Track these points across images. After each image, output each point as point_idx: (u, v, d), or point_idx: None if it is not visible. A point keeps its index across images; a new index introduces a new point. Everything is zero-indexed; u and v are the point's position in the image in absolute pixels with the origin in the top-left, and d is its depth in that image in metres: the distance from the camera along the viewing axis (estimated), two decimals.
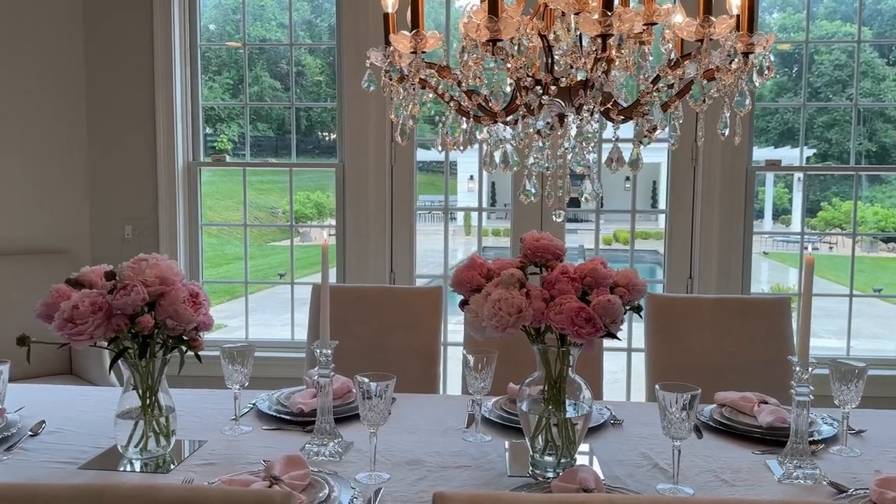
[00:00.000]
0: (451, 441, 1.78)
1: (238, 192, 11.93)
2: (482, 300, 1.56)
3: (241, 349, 1.87)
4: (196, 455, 1.68)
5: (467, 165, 12.03)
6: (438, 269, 5.93)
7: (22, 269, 3.48)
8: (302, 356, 3.53)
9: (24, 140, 3.63)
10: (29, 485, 0.88)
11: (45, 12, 3.66)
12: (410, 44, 1.41)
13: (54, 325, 1.54)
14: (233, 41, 4.86)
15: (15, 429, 1.76)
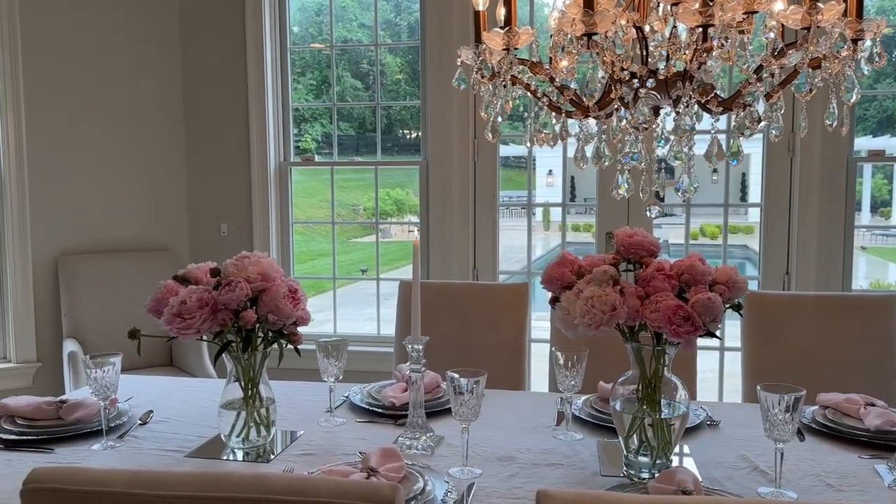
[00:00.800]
0: (542, 438, 1.77)
1: (321, 190, 12.19)
2: (574, 297, 1.54)
3: (335, 343, 1.92)
4: (294, 445, 1.74)
5: (546, 160, 11.91)
6: (517, 265, 5.91)
7: (127, 266, 3.69)
8: (389, 350, 3.60)
9: (127, 144, 3.83)
10: (153, 472, 0.94)
11: (144, 18, 3.85)
12: (503, 41, 1.40)
13: (164, 320, 1.62)
14: (316, 42, 4.97)
15: (126, 417, 1.86)
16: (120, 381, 1.97)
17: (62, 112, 3.65)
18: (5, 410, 1.82)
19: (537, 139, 1.49)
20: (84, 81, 3.70)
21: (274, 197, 3.89)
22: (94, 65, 3.72)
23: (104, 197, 3.78)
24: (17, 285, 3.51)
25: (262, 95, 3.81)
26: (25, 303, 3.54)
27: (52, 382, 3.60)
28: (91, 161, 3.74)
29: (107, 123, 3.78)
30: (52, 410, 1.81)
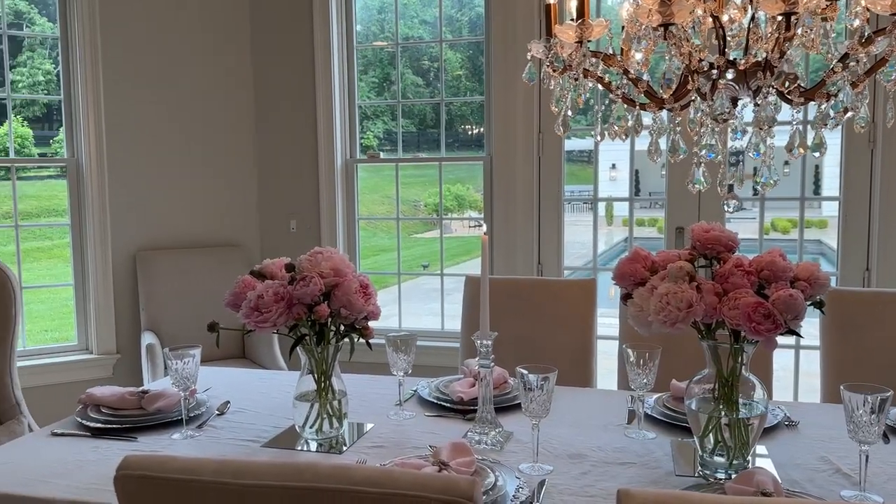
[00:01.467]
0: (613, 437, 1.75)
1: (382, 186, 12.31)
2: (647, 294, 1.51)
3: (404, 338, 1.93)
4: (365, 437, 1.76)
5: (609, 154, 11.74)
6: (580, 261, 5.83)
7: (201, 261, 3.81)
8: (453, 345, 3.61)
9: (201, 144, 3.96)
10: (239, 461, 0.97)
11: (216, 21, 3.96)
12: (575, 33, 1.39)
13: (241, 313, 1.66)
14: (378, 41, 5.02)
15: (204, 408, 1.92)
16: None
17: (140, 114, 3.79)
18: (91, 400, 1.90)
19: (610, 132, 1.46)
20: (160, 85, 3.84)
21: (340, 194, 3.96)
22: (169, 67, 3.85)
23: (180, 195, 3.91)
24: (99, 280, 3.67)
25: (329, 94, 3.87)
26: (106, 297, 3.69)
27: (131, 373, 3.75)
28: (167, 161, 3.88)
29: (182, 125, 3.90)
30: (134, 400, 1.88)
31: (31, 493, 1.44)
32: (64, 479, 1.51)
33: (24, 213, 3.70)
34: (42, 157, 10.71)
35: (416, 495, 0.89)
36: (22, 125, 9.22)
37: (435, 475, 0.92)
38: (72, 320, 3.80)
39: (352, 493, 0.92)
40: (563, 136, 1.55)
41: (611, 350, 2.55)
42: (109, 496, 1.41)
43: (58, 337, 7.77)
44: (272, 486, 0.94)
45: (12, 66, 3.78)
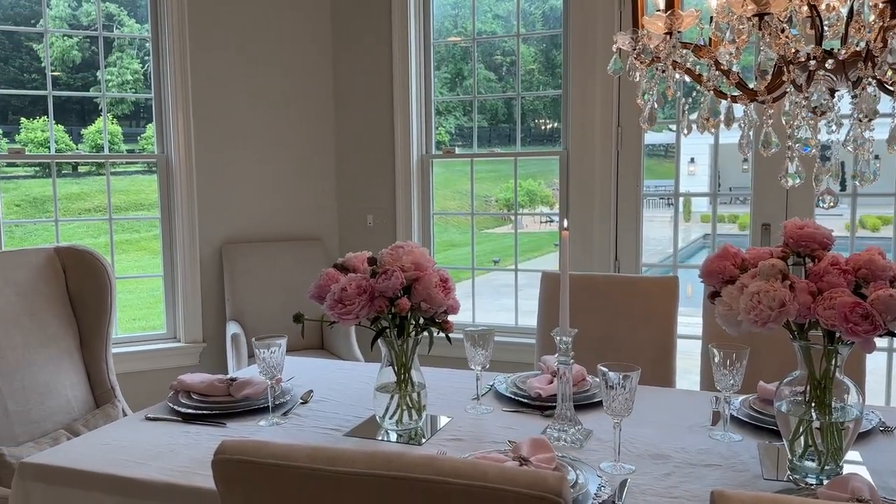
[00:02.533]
0: (697, 438, 1.71)
1: (453, 181, 12.35)
2: (737, 292, 1.47)
3: (482, 333, 1.94)
4: (444, 430, 1.78)
5: (687, 148, 11.40)
6: (656, 258, 5.69)
7: (283, 254, 3.92)
8: (527, 341, 3.60)
9: (283, 141, 4.07)
10: (331, 448, 0.99)
11: (298, 20, 4.05)
12: (665, 24, 1.36)
13: (326, 305, 1.70)
14: (452, 36, 5.04)
15: (289, 396, 1.98)
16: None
17: (225, 112, 3.92)
18: (182, 386, 1.98)
19: (701, 126, 1.43)
20: (244, 83, 3.96)
21: (416, 189, 4.00)
22: (252, 66, 3.97)
23: (263, 190, 4.03)
24: (187, 272, 3.82)
25: (406, 91, 3.91)
26: (193, 288, 3.84)
27: (216, 361, 3.89)
28: (251, 157, 4.00)
29: (265, 122, 4.02)
30: (223, 387, 1.96)
31: (129, 474, 1.52)
32: (158, 462, 1.58)
33: (114, 206, 3.89)
34: (130, 153, 11.22)
35: (504, 489, 0.90)
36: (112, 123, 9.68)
37: (523, 469, 0.92)
38: (160, 310, 3.96)
39: (440, 484, 0.93)
40: (648, 129, 1.51)
41: (688, 349, 2.49)
42: (201, 479, 1.48)
43: (146, 325, 8.14)
44: (363, 474, 0.96)
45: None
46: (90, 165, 10.75)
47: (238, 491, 1.03)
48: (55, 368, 2.30)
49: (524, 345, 3.60)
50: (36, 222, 10.94)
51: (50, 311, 2.34)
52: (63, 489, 1.56)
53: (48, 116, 3.73)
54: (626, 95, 3.50)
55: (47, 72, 3.91)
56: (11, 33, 6.20)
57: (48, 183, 13.07)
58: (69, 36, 11.89)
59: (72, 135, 11.31)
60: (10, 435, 2.14)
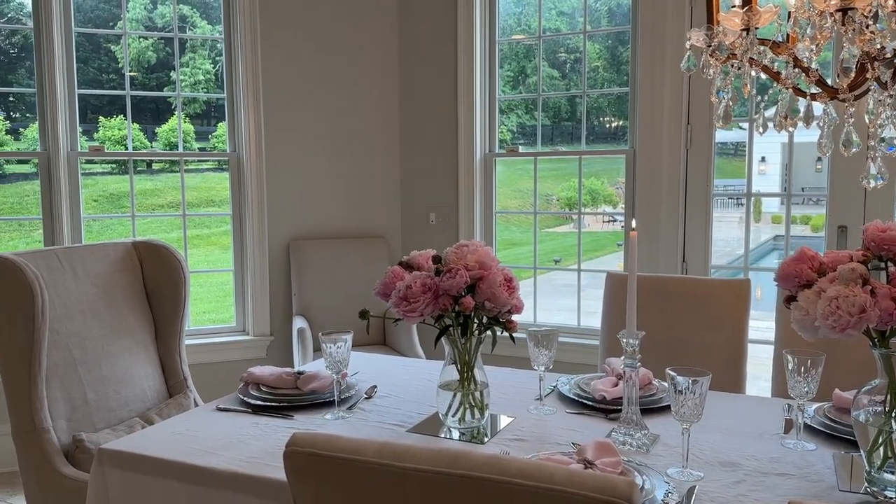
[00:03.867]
0: (769, 446, 1.66)
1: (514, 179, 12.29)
2: (815, 297, 1.42)
3: (545, 333, 1.92)
4: (506, 430, 1.78)
5: (757, 147, 11.07)
6: (724, 259, 5.53)
7: (347, 251, 3.98)
8: (590, 342, 3.56)
9: (349, 139, 4.13)
10: (398, 444, 1.00)
11: (365, 18, 4.10)
12: (742, 20, 1.32)
13: (391, 303, 1.72)
14: (516, 34, 5.01)
15: (354, 391, 2.01)
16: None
17: (293, 111, 4.01)
18: (252, 378, 2.04)
19: (778, 124, 1.38)
20: (312, 82, 4.03)
21: (479, 187, 4.00)
22: (320, 66, 4.04)
23: (329, 188, 4.10)
24: (256, 267, 3.92)
25: (470, 88, 3.92)
26: (262, 283, 3.94)
27: (283, 355, 3.99)
28: (318, 155, 4.07)
29: (331, 122, 4.09)
30: (290, 380, 2.00)
31: (201, 463, 1.57)
32: (229, 452, 1.62)
33: (187, 203, 4.01)
34: (202, 150, 11.58)
35: (572, 492, 0.89)
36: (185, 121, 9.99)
37: (592, 473, 0.91)
38: (228, 303, 4.08)
39: (506, 485, 0.93)
40: (723, 127, 1.48)
41: (755, 353, 2.42)
42: (271, 470, 1.51)
43: (215, 318, 8.39)
44: (429, 471, 0.97)
45: (175, 67, 4.10)
46: (164, 163, 11.14)
47: (308, 483, 1.05)
48: (131, 359, 2.39)
49: (587, 346, 3.56)
50: (113, 217, 11.41)
51: (127, 303, 2.43)
52: (138, 476, 1.62)
53: (125, 116, 3.88)
54: (696, 92, 3.41)
55: (125, 72, 4.07)
56: (91, 35, 6.47)
57: (124, 179, 13.56)
58: (144, 37, 12.36)
59: (146, 133, 11.75)
60: (88, 422, 2.24)
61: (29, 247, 10.40)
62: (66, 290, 2.26)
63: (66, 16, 3.58)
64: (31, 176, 11.62)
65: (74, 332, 2.25)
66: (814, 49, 1.33)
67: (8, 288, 2.05)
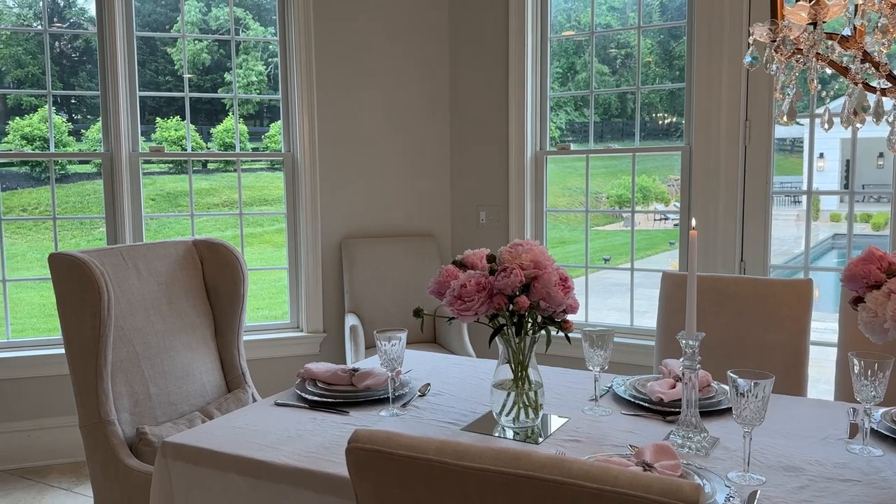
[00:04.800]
0: (833, 451, 1.61)
1: (563, 177, 12.19)
2: (884, 298, 1.38)
3: (601, 333, 1.91)
4: (561, 430, 1.77)
5: (816, 142, 10.78)
6: (781, 258, 5.38)
7: (398, 250, 4.01)
8: (643, 343, 3.51)
9: (400, 139, 4.15)
10: (459, 443, 1.01)
11: (416, 19, 4.12)
12: (809, 14, 1.29)
13: (445, 301, 1.73)
14: (566, 30, 4.96)
15: (408, 388, 2.02)
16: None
17: (346, 112, 4.05)
18: (308, 374, 2.07)
19: (846, 120, 1.34)
20: (364, 83, 4.07)
21: (529, 185, 3.98)
22: (372, 66, 4.08)
23: (380, 186, 4.14)
24: (309, 265, 3.99)
25: (521, 86, 3.90)
26: (315, 281, 4.00)
27: (335, 351, 4.04)
28: (369, 154, 4.11)
29: (383, 122, 4.12)
30: (346, 377, 2.03)
31: (262, 457, 1.60)
32: (287, 446, 1.65)
33: (241, 202, 4.09)
34: (255, 150, 11.81)
35: (637, 496, 0.88)
36: (239, 122, 10.18)
37: (657, 476, 0.90)
38: (281, 300, 4.15)
39: (569, 486, 0.93)
40: (788, 124, 1.44)
41: (814, 355, 2.35)
42: (329, 465, 1.54)
43: (268, 315, 8.58)
44: (490, 471, 0.97)
45: (229, 69, 4.18)
46: (218, 162, 11.42)
47: (369, 479, 1.06)
48: (192, 354, 2.46)
49: (640, 346, 3.51)
50: (170, 216, 11.71)
51: (188, 299, 2.50)
52: (200, 468, 1.67)
53: (181, 117, 4.00)
54: (755, 88, 3.33)
55: (184, 74, 4.18)
56: (148, 38, 6.66)
57: (179, 179, 13.88)
58: (199, 40, 12.66)
59: (202, 133, 12.06)
60: (151, 415, 2.31)
61: (90, 244, 10.75)
62: (129, 287, 2.33)
63: (129, 20, 3.69)
64: (91, 176, 12.03)
65: (138, 327, 2.32)
66: (885, 43, 1.28)
67: (76, 285, 2.13)
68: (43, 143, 11.01)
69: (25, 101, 11.39)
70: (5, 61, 11.47)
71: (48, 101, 3.79)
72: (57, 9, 11.40)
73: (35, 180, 12.16)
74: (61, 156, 8.45)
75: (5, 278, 3.71)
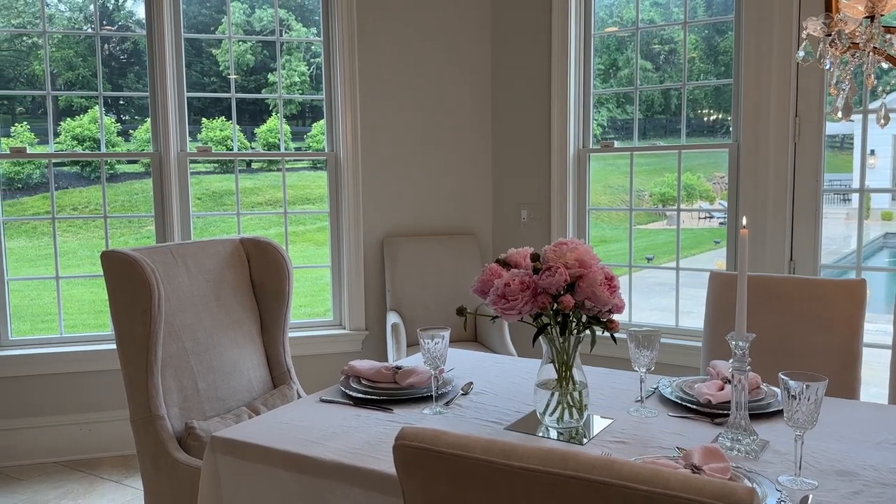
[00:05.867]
0: (888, 456, 1.57)
1: (604, 175, 12.07)
2: None
3: (647, 333, 1.88)
4: (606, 431, 1.75)
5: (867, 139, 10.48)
6: (831, 258, 5.25)
7: (439, 248, 4.02)
8: (689, 343, 3.46)
9: (442, 137, 4.17)
10: (506, 442, 1.01)
11: (459, 15, 4.12)
12: (866, 8, 1.25)
13: (489, 300, 1.72)
14: (608, 26, 4.90)
15: (451, 386, 2.02)
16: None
17: (388, 111, 4.08)
18: (353, 371, 2.09)
19: None
20: (406, 82, 4.09)
21: (572, 184, 3.95)
22: (414, 65, 4.09)
23: (421, 186, 4.15)
24: (352, 263, 4.02)
25: (564, 83, 3.87)
26: (357, 279, 4.04)
27: (377, 349, 4.07)
28: (411, 154, 4.13)
29: (425, 121, 4.14)
30: (389, 374, 2.04)
31: (307, 453, 1.62)
32: (333, 442, 1.67)
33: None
34: (297, 150, 11.96)
35: (690, 499, 0.87)
36: (283, 122, 10.31)
37: (709, 479, 0.88)
38: (324, 297, 4.20)
39: (619, 488, 0.92)
40: (844, 120, 1.40)
41: (866, 359, 2.29)
42: (373, 461, 1.55)
43: (311, 312, 8.69)
44: (537, 471, 0.97)
45: (272, 69, 4.24)
46: (262, 162, 11.60)
47: (416, 476, 1.07)
48: (239, 350, 2.50)
49: (686, 347, 3.46)
50: (215, 215, 11.93)
51: (235, 297, 2.54)
52: (248, 463, 1.70)
53: (226, 117, 4.07)
54: (805, 83, 3.25)
55: (230, 75, 4.25)
56: (194, 40, 6.79)
57: (225, 178, 14.09)
58: (243, 41, 12.88)
59: (246, 133, 12.26)
60: (199, 410, 2.35)
61: (138, 242, 11.02)
62: (179, 285, 2.38)
63: (176, 22, 3.76)
64: (139, 175, 12.32)
65: (187, 324, 2.37)
66: None
67: (128, 283, 2.19)
68: (93, 143, 11.31)
69: (76, 102, 11.70)
70: (57, 64, 11.82)
71: (99, 102, 3.89)
72: (106, 12, 11.71)
73: (85, 180, 12.50)
74: (112, 156, 8.67)
75: (59, 275, 3.82)
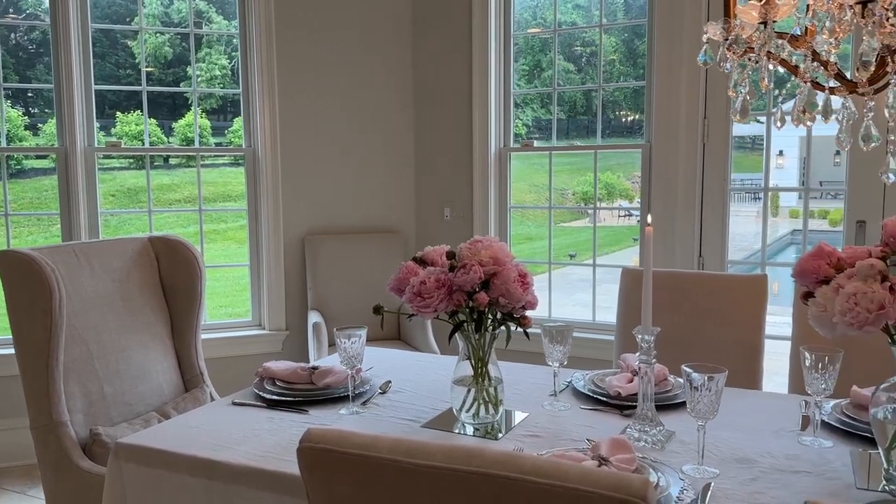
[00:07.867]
0: (785, 443, 1.65)
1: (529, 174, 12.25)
2: (832, 293, 1.40)
3: (560, 328, 1.92)
4: (521, 426, 1.77)
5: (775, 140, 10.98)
6: (740, 254, 5.48)
7: (362, 246, 3.99)
8: (604, 338, 3.55)
9: (364, 135, 4.13)
10: (411, 441, 1.00)
11: (379, 14, 4.10)
12: (760, 14, 1.30)
13: (405, 298, 1.72)
14: (531, 27, 4.97)
15: (368, 386, 2.01)
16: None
17: (308, 107, 4.02)
18: (267, 373, 2.05)
19: (796, 118, 1.36)
20: (327, 78, 4.04)
21: (494, 182, 3.99)
22: (335, 62, 4.04)
23: (344, 183, 4.11)
24: (271, 262, 3.94)
25: (485, 83, 3.90)
26: (277, 278, 3.96)
27: (298, 349, 4.00)
28: (333, 151, 4.08)
29: (347, 117, 4.09)
30: (305, 375, 2.01)
31: (217, 458, 1.57)
32: (244, 446, 1.63)
33: (203, 198, 4.03)
34: (218, 146, 11.64)
35: (587, 490, 0.88)
36: (202, 117, 10.05)
37: (607, 471, 0.90)
38: (244, 297, 4.10)
39: (520, 482, 0.93)
40: (741, 122, 1.46)
41: (773, 349, 2.40)
42: (285, 465, 1.52)
43: (231, 313, 8.47)
44: (442, 468, 0.97)
45: (191, 62, 4.11)
46: (180, 158, 11.24)
47: (321, 478, 1.05)
48: (147, 353, 2.41)
49: (602, 341, 3.55)
50: (131, 213, 11.49)
51: (143, 297, 2.45)
52: (154, 470, 1.64)
53: (141, 111, 3.91)
54: (713, 86, 3.38)
55: (142, 68, 4.10)
56: (108, 31, 6.52)
57: (141, 175, 13.68)
58: (161, 33, 12.43)
59: (163, 128, 11.85)
60: (105, 416, 2.26)
61: (47, 241, 10.50)
62: (82, 285, 2.28)
63: (83, 12, 3.60)
64: (49, 171, 11.75)
65: (91, 326, 2.27)
66: (833, 42, 1.31)
67: (26, 283, 2.08)
68: None
69: None
70: None
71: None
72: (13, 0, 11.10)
73: None
74: (14, 150, 8.23)
75: None
